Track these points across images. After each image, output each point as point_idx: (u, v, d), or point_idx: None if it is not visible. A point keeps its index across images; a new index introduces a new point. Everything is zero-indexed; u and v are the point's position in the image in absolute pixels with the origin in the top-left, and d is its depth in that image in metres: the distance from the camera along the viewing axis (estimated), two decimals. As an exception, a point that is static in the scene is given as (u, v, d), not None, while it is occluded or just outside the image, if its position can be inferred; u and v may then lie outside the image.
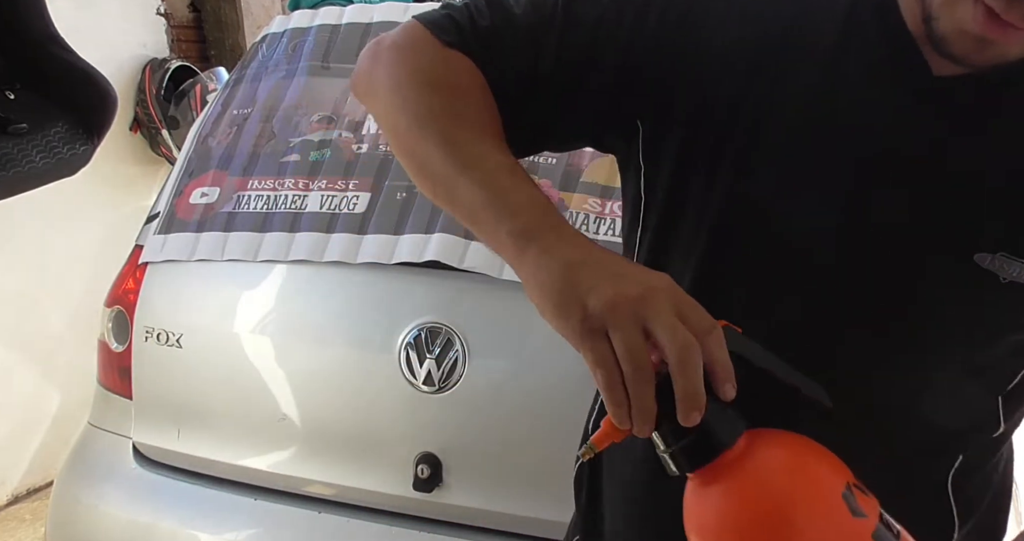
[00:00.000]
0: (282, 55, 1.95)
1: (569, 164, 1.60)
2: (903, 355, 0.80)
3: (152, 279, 1.80)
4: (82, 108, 1.31)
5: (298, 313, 1.72)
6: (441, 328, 1.56)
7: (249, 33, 3.59)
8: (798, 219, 0.78)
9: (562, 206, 1.55)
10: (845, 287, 0.79)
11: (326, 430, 1.67)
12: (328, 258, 1.64)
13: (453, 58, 0.80)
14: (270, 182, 1.77)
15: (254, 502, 1.68)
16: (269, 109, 1.88)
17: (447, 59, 0.80)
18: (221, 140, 1.88)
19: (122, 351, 1.81)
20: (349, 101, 1.82)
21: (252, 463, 1.70)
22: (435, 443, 1.57)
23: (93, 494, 1.78)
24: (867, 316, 0.79)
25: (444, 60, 0.80)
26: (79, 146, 1.30)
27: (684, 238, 0.83)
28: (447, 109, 0.77)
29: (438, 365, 1.55)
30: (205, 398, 1.74)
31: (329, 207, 1.69)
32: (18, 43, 1.25)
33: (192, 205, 1.81)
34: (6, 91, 1.24)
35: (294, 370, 1.69)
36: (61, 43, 1.28)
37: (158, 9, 3.44)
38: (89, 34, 2.40)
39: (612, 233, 1.52)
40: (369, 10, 1.95)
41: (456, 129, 0.76)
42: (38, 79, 1.27)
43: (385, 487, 1.60)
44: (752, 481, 0.63)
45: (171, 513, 1.73)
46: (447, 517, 1.58)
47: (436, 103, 0.78)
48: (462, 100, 0.78)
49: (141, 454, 1.80)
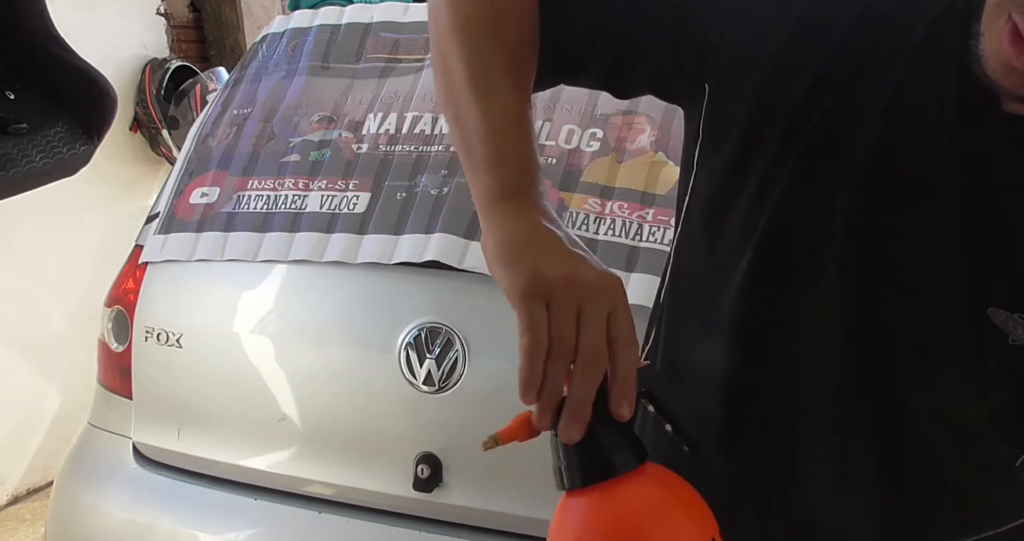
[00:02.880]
0: (282, 55, 1.95)
1: (569, 164, 1.60)
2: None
3: (152, 279, 1.80)
4: (82, 108, 1.31)
5: (298, 313, 1.72)
6: (441, 328, 1.56)
7: (249, 33, 3.59)
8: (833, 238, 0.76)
9: (562, 206, 1.55)
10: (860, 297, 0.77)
11: (326, 430, 1.67)
12: (328, 258, 1.64)
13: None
14: (270, 182, 1.77)
15: (254, 502, 1.68)
16: (269, 109, 1.88)
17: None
18: (221, 140, 1.88)
19: (122, 351, 1.81)
20: (349, 101, 1.82)
21: (252, 463, 1.70)
22: (435, 443, 1.57)
23: (93, 494, 1.78)
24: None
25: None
26: (79, 146, 1.31)
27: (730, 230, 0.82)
28: (486, 26, 0.76)
29: (438, 365, 1.55)
30: (205, 398, 1.74)
31: (329, 207, 1.69)
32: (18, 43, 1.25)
33: (192, 205, 1.81)
34: (6, 91, 1.25)
35: (294, 370, 1.69)
36: (61, 43, 1.28)
37: (158, 9, 3.44)
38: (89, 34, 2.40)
39: (612, 233, 1.52)
40: (369, 10, 1.95)
41: (487, 50, 0.75)
42: (38, 79, 1.27)
43: (385, 487, 1.60)
44: (606, 516, 0.64)
45: (171, 513, 1.72)
46: (447, 517, 1.58)
47: (479, 16, 0.76)
48: (506, 19, 0.77)
49: (141, 454, 1.80)
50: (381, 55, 1.87)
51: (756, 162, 0.78)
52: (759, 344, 0.83)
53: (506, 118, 0.73)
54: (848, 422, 0.82)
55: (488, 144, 0.72)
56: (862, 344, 0.78)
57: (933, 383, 0.78)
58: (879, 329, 0.78)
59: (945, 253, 0.73)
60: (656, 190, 1.54)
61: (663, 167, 1.56)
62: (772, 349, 0.83)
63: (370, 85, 1.83)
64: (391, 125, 1.75)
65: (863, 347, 0.78)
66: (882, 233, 0.75)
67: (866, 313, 0.78)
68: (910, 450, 0.81)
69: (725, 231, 0.82)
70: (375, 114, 1.78)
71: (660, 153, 1.57)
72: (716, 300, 0.83)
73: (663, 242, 1.49)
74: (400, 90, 1.80)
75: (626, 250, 1.49)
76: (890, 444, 0.81)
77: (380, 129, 1.75)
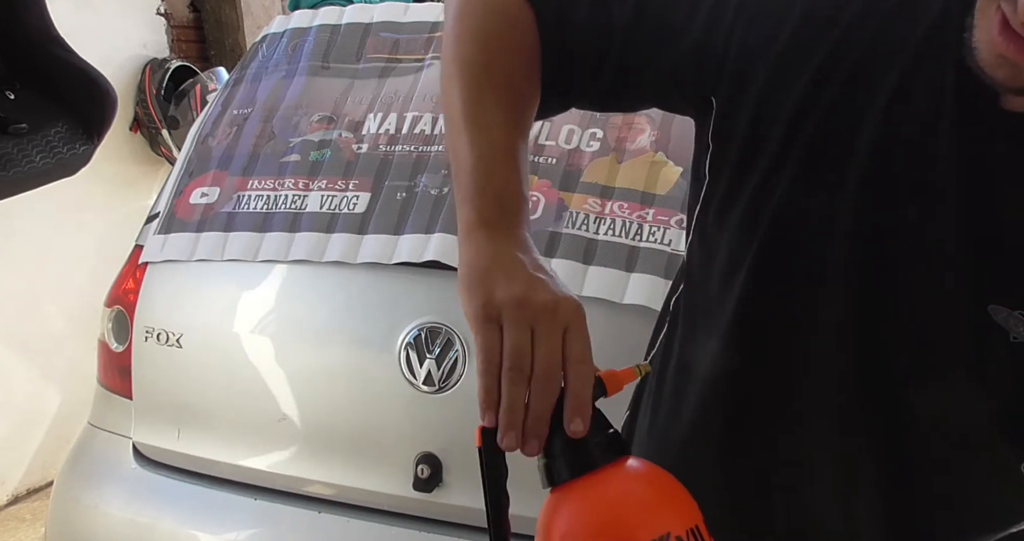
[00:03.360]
0: (282, 55, 1.95)
1: (569, 164, 1.60)
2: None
3: (152, 279, 1.80)
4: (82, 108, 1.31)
5: (298, 313, 1.72)
6: (441, 328, 1.56)
7: (249, 33, 3.59)
8: (830, 236, 0.76)
9: (562, 206, 1.55)
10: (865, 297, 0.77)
11: (326, 430, 1.67)
12: (328, 258, 1.64)
13: (514, 6, 0.81)
14: (270, 182, 1.77)
15: (254, 502, 1.68)
16: (269, 109, 1.88)
17: (506, 5, 0.81)
18: (221, 140, 1.88)
19: (122, 351, 1.81)
20: (349, 101, 1.82)
21: (252, 463, 1.70)
22: (435, 443, 1.57)
23: (93, 494, 1.78)
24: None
25: (507, 10, 0.81)
26: (79, 146, 1.31)
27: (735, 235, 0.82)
28: (484, 62, 0.80)
29: (438, 365, 1.55)
30: (205, 398, 1.74)
31: (329, 207, 1.69)
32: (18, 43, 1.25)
33: (192, 205, 1.81)
34: (6, 91, 1.24)
35: (294, 370, 1.69)
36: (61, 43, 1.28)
37: (158, 9, 3.44)
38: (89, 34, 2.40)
39: (612, 233, 1.52)
40: (369, 10, 1.95)
41: (482, 85, 0.79)
42: (38, 79, 1.27)
43: (385, 487, 1.60)
44: (585, 507, 0.68)
45: (171, 513, 1.72)
46: (447, 517, 1.58)
47: (477, 53, 0.80)
48: (502, 58, 0.80)
49: (141, 454, 1.80)
50: (381, 55, 1.87)
51: (757, 163, 0.78)
52: (760, 346, 0.83)
53: (492, 151, 0.76)
54: (850, 424, 0.82)
55: (471, 176, 0.75)
56: (864, 344, 0.78)
57: (935, 383, 0.78)
58: (880, 329, 0.78)
59: (946, 251, 0.73)
60: (656, 190, 1.54)
61: (663, 167, 1.56)
62: (773, 351, 0.83)
63: (370, 85, 1.83)
64: (391, 125, 1.75)
65: (865, 348, 0.78)
66: (883, 232, 0.75)
67: (867, 313, 0.77)
68: (913, 452, 0.81)
69: (727, 233, 0.82)
70: (375, 114, 1.78)
71: (660, 153, 1.57)
72: (718, 303, 0.83)
73: (663, 242, 1.49)
74: (400, 90, 1.80)
75: (626, 250, 1.49)
76: (892, 446, 0.81)
77: (380, 129, 1.76)
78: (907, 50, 0.72)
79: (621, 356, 1.24)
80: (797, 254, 0.79)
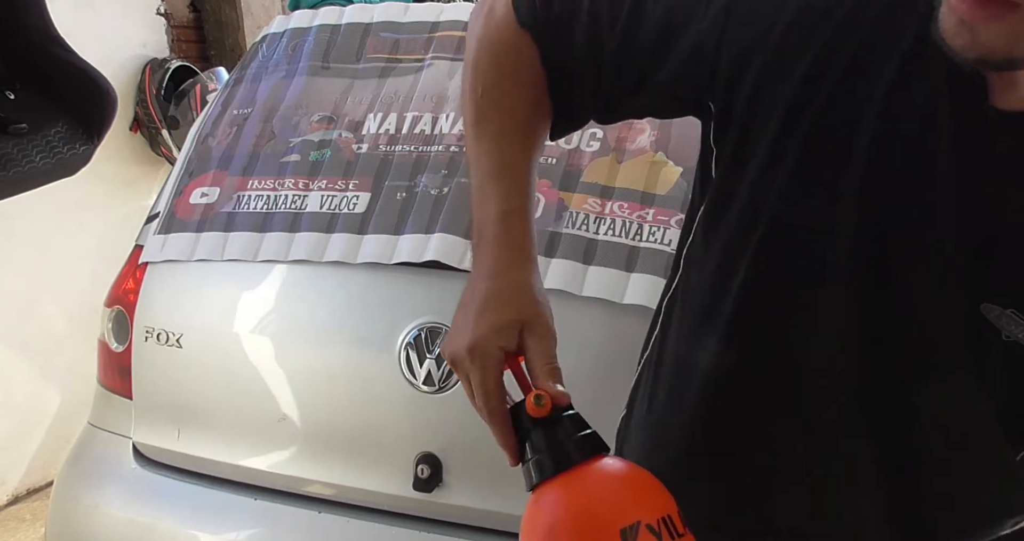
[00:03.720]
0: (282, 55, 1.95)
1: (569, 164, 1.60)
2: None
3: (152, 279, 1.80)
4: (82, 108, 1.31)
5: (298, 313, 1.72)
6: (441, 328, 1.56)
7: (249, 33, 3.59)
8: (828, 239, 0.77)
9: (562, 206, 1.55)
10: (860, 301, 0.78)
11: (326, 430, 1.66)
12: (328, 258, 1.64)
13: (519, 41, 0.88)
14: (270, 182, 1.77)
15: (254, 502, 1.68)
16: (269, 109, 1.88)
17: (512, 41, 0.88)
18: (221, 140, 1.88)
19: (122, 351, 1.81)
20: (349, 101, 1.82)
21: (252, 463, 1.70)
22: (435, 443, 1.57)
23: (93, 494, 1.78)
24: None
25: (509, 40, 0.88)
26: (79, 146, 1.31)
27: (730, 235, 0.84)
28: (492, 92, 0.89)
29: (438, 365, 1.55)
30: (205, 398, 1.74)
31: (329, 207, 1.69)
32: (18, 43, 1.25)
33: (192, 205, 1.81)
34: (6, 91, 1.24)
35: (294, 370, 1.69)
36: (61, 43, 1.28)
37: (158, 9, 3.44)
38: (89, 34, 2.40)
39: (612, 233, 1.52)
40: (369, 10, 1.95)
41: (488, 116, 0.89)
42: (38, 79, 1.27)
43: (385, 487, 1.60)
44: (560, 502, 0.74)
45: (171, 513, 1.72)
46: (447, 517, 1.58)
47: (486, 82, 0.89)
48: (506, 89, 0.89)
49: (141, 454, 1.80)
50: (381, 55, 1.87)
51: (754, 160, 0.78)
52: (759, 346, 0.83)
53: (488, 179, 0.87)
54: (850, 423, 0.82)
55: (476, 193, 0.88)
56: (862, 344, 0.78)
57: (935, 383, 0.78)
58: (879, 328, 0.78)
59: (946, 251, 0.73)
60: (656, 190, 1.54)
61: (663, 167, 1.56)
62: (772, 351, 0.83)
63: (370, 85, 1.83)
64: (391, 125, 1.75)
65: (863, 347, 0.78)
66: (883, 232, 0.75)
67: (866, 313, 0.77)
68: (913, 451, 0.81)
69: (725, 232, 0.82)
70: (375, 114, 1.78)
71: (660, 153, 1.57)
72: (716, 302, 0.83)
73: (663, 242, 1.49)
74: (400, 90, 1.80)
75: (626, 250, 1.49)
76: (893, 446, 0.81)
77: (380, 129, 1.76)
78: (906, 40, 0.72)
79: (621, 356, 1.24)
80: (796, 253, 0.79)
